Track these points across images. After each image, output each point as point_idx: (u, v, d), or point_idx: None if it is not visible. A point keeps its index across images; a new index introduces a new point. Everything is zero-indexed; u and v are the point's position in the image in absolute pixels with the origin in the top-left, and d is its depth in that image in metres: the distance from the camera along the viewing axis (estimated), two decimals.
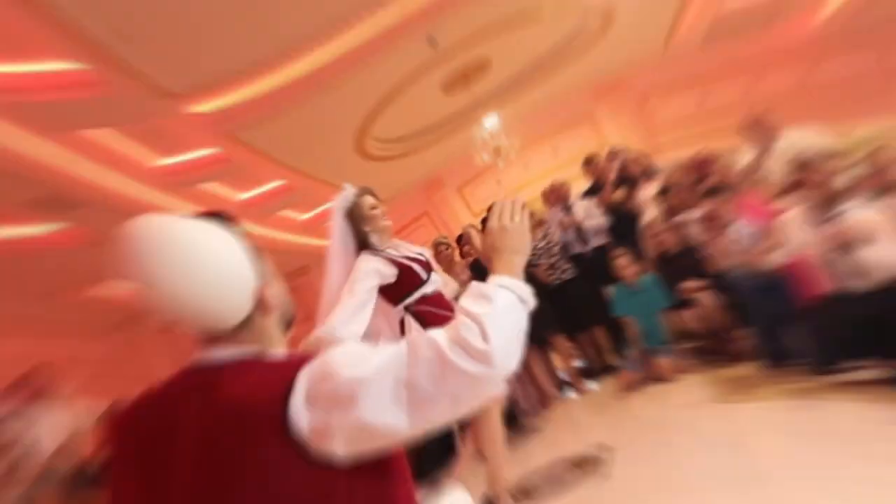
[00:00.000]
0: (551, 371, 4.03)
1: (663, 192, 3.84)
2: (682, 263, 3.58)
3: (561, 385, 4.03)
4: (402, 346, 0.78)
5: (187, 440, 0.78)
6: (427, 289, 2.40)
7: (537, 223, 4.22)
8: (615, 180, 4.31)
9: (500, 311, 0.78)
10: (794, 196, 2.78)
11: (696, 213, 3.48)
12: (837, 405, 2.37)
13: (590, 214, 4.24)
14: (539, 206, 4.53)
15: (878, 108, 5.37)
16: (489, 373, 0.73)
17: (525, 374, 3.85)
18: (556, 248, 4.18)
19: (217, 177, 5.25)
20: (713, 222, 3.25)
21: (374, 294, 2.26)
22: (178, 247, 0.80)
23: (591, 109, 7.45)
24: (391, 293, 2.33)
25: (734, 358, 3.28)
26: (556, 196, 4.39)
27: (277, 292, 0.93)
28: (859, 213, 2.45)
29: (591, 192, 4.47)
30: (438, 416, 0.76)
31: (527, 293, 0.86)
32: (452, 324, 0.78)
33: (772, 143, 3.28)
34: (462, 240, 4.17)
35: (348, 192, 2.39)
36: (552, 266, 4.14)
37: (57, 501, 3.23)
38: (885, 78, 5.87)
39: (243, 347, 0.85)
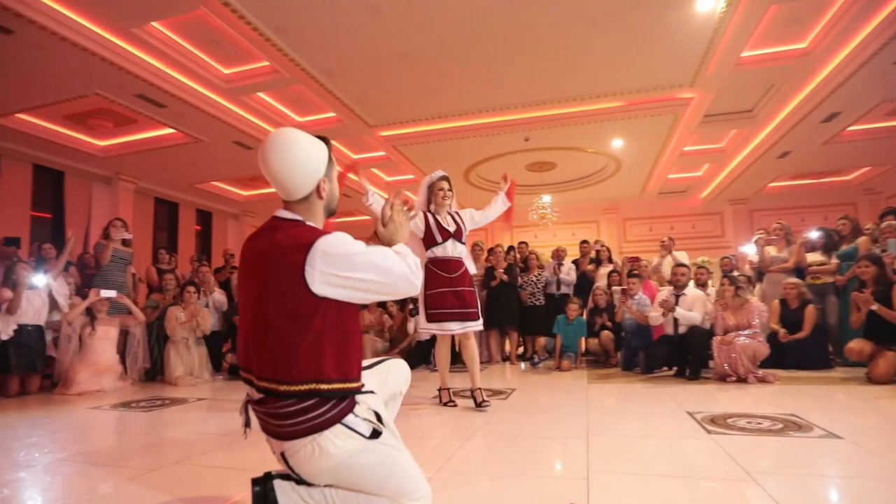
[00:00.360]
0: (502, 347, 6.14)
1: (611, 273, 6.13)
2: (603, 313, 5.76)
3: (504, 356, 6.12)
4: (390, 252, 1.28)
5: (258, 258, 1.27)
6: (437, 250, 3.24)
7: (539, 265, 6.42)
8: (591, 259, 6.67)
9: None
10: (669, 283, 5.06)
11: (621, 287, 5.72)
12: (645, 385, 4.26)
13: (569, 272, 6.46)
14: (546, 256, 6.78)
15: (713, 246, 11.05)
16: (411, 290, 1.30)
17: (485, 342, 5.97)
18: (541, 285, 6.27)
19: (380, 166, 9.12)
20: (626, 293, 5.45)
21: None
22: (285, 143, 1.28)
23: (598, 217, 12.53)
24: (423, 241, 3.36)
25: (609, 366, 5.38)
26: (558, 255, 6.56)
27: (330, 189, 1.37)
28: (691, 293, 4.71)
29: (576, 261, 6.76)
30: (385, 295, 1.33)
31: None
32: (409, 262, 1.29)
33: (667, 256, 5.71)
34: (490, 251, 6.45)
35: (435, 175, 3.41)
36: (532, 294, 6.23)
37: None
38: (721, 231, 11.96)
39: (296, 215, 1.32)
